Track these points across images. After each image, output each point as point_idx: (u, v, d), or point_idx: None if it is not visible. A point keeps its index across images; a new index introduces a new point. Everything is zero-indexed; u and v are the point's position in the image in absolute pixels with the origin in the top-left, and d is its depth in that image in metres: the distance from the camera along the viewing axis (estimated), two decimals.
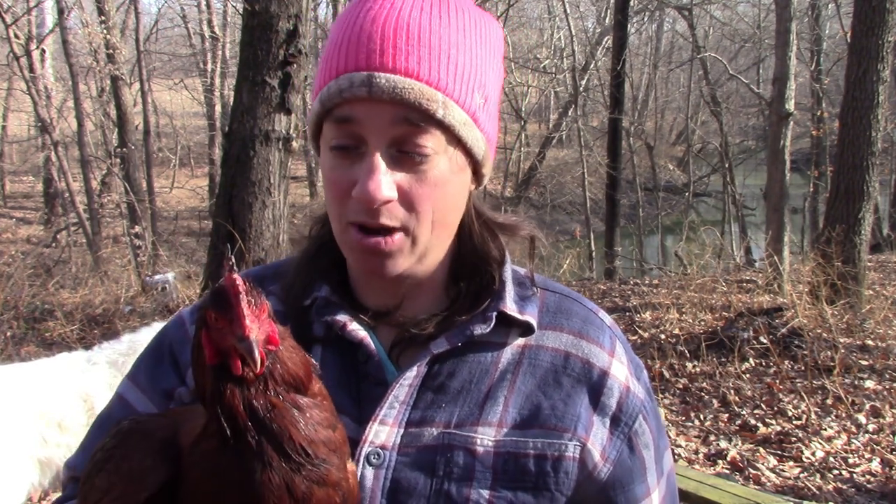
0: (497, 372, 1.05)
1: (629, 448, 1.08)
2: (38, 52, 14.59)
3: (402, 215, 1.02)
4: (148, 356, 1.18)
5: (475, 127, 1.04)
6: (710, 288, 8.45)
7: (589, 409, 1.06)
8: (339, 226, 1.06)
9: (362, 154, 1.01)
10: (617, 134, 14.89)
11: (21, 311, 8.16)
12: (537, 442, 1.03)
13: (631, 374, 1.11)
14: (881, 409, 5.32)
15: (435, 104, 0.98)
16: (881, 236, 16.18)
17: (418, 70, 0.98)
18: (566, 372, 1.07)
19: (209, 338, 0.84)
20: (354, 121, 1.00)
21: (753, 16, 22.34)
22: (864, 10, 8.04)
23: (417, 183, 1.01)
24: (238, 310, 0.80)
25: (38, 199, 20.77)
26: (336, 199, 1.05)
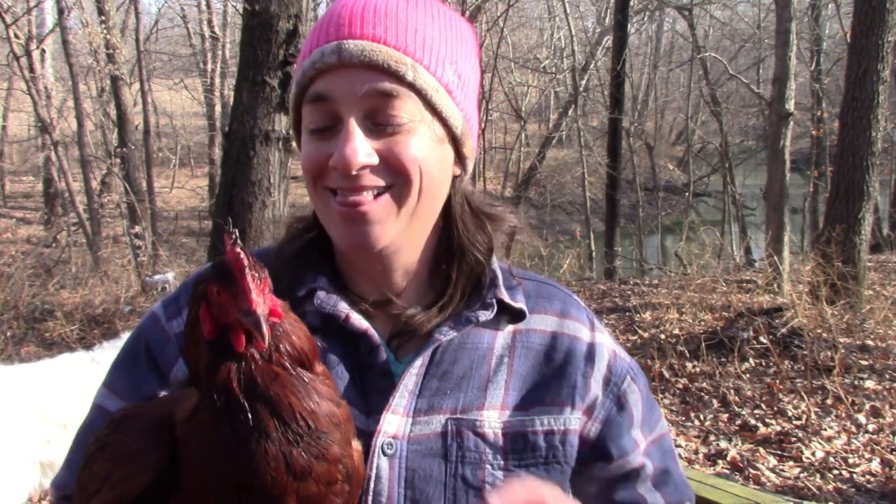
0: (494, 357, 1.09)
1: (618, 406, 1.13)
2: (38, 52, 14.58)
3: (387, 177, 1.01)
4: (123, 360, 1.14)
5: (449, 97, 1.04)
6: (710, 288, 8.45)
7: (583, 376, 1.11)
8: (319, 201, 1.06)
9: (338, 130, 1.01)
10: (617, 134, 14.89)
11: (21, 311, 8.17)
12: (543, 419, 1.07)
13: (615, 343, 1.18)
14: (881, 409, 5.32)
15: (404, 66, 0.99)
16: (881, 236, 16.18)
17: (385, 37, 0.99)
18: (557, 349, 1.12)
19: (209, 312, 0.81)
20: (328, 97, 1.00)
21: (753, 16, 22.34)
22: (864, 10, 8.04)
23: (397, 146, 1.01)
24: (244, 283, 0.78)
25: (38, 199, 20.77)
26: (314, 174, 1.04)
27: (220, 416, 0.79)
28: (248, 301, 0.78)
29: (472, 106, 1.11)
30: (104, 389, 1.14)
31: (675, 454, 1.22)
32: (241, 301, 0.78)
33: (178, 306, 1.13)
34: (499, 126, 26.25)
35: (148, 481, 0.82)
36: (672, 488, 1.17)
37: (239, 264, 0.79)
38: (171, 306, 1.15)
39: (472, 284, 1.11)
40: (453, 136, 1.07)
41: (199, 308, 0.82)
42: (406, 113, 1.00)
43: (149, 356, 1.11)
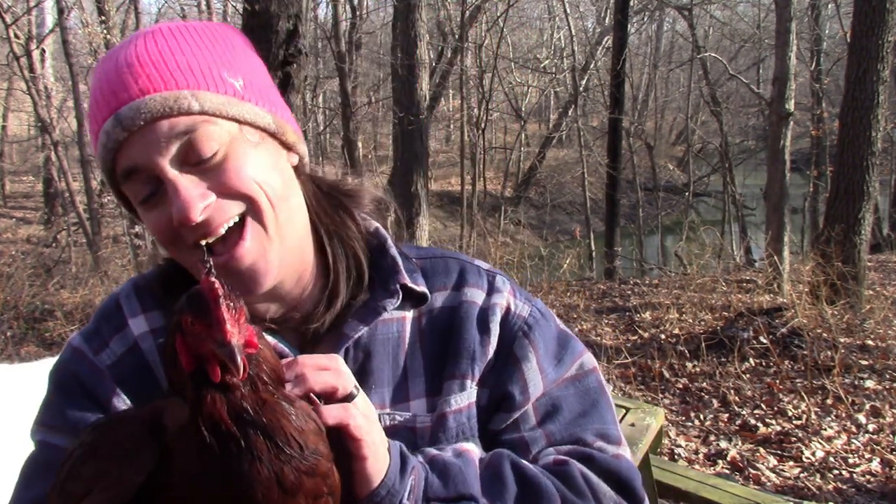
0: (406, 344, 1.11)
1: (508, 365, 1.13)
2: (38, 52, 14.58)
3: (235, 205, 1.00)
4: (55, 398, 1.12)
5: (243, 102, 1.03)
6: (710, 288, 8.46)
7: (480, 344, 1.12)
8: (180, 257, 1.04)
9: (165, 191, 0.98)
10: (617, 134, 14.88)
11: (21, 311, 8.17)
12: (452, 399, 1.10)
13: (514, 298, 1.17)
14: (881, 409, 5.32)
15: (184, 100, 0.97)
16: (881, 236, 16.18)
17: (151, 86, 0.97)
18: (456, 322, 1.13)
19: (185, 343, 0.81)
20: (137, 167, 0.98)
21: (753, 16, 22.34)
22: (864, 10, 8.04)
23: (223, 175, 0.98)
24: (218, 313, 0.77)
25: (38, 199, 20.77)
26: (168, 241, 1.02)
27: (209, 446, 0.79)
28: (222, 332, 0.77)
29: (273, 94, 1.09)
30: (40, 427, 1.12)
31: (598, 391, 1.17)
32: (214, 332, 0.77)
33: (102, 338, 1.12)
34: (499, 126, 26.24)
35: (141, 483, 0.83)
36: (561, 424, 1.13)
37: (213, 294, 0.78)
38: (93, 340, 1.13)
39: (361, 272, 1.11)
40: (270, 133, 1.05)
41: (175, 339, 0.81)
42: (214, 139, 0.98)
43: (83, 391, 1.09)
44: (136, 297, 1.15)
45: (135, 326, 1.12)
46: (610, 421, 1.15)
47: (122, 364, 1.10)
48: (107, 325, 1.14)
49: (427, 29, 12.84)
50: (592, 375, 1.17)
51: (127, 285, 1.19)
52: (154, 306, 1.15)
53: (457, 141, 24.22)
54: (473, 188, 18.21)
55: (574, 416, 1.13)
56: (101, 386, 1.09)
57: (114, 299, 1.17)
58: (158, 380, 1.09)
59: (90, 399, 1.09)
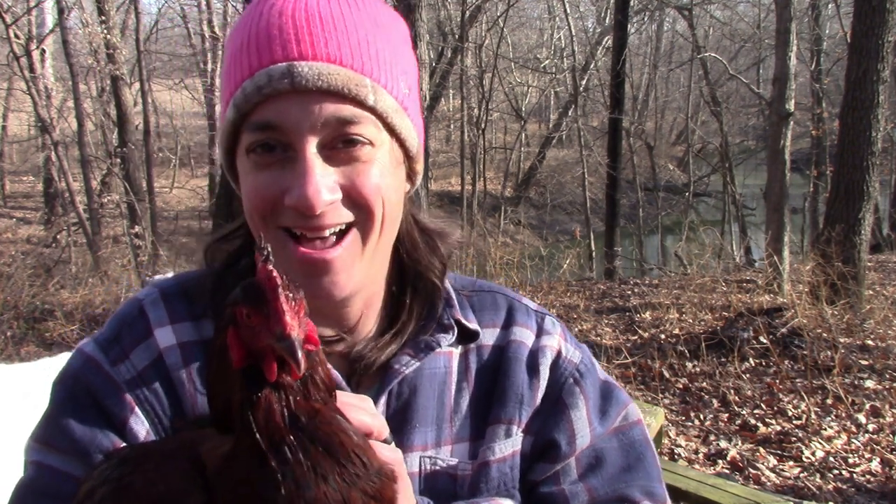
0: (453, 382, 1.03)
1: (556, 412, 1.06)
2: (38, 52, 14.59)
3: (348, 212, 0.92)
4: (59, 412, 0.97)
5: (406, 115, 0.96)
6: (710, 288, 8.46)
7: (529, 388, 1.05)
8: (268, 237, 0.92)
9: (291, 158, 0.89)
10: (617, 134, 14.89)
11: (21, 311, 8.16)
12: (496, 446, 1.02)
13: (565, 342, 1.11)
14: (881, 409, 5.32)
15: (365, 89, 0.89)
16: (881, 236, 16.18)
17: (341, 56, 0.88)
18: (505, 363, 1.06)
19: (238, 338, 0.73)
20: (277, 126, 0.88)
21: (753, 16, 22.33)
22: (864, 10, 8.04)
23: (360, 177, 0.91)
24: (276, 304, 0.70)
25: (38, 199, 20.77)
26: (261, 210, 0.91)
27: (265, 458, 0.70)
28: (281, 324, 0.70)
29: (420, 116, 1.01)
30: (38, 445, 0.98)
31: (643, 444, 1.09)
32: (273, 324, 0.70)
33: (121, 348, 0.99)
34: (499, 126, 26.25)
35: None
36: (605, 479, 1.05)
37: (271, 283, 0.71)
38: (112, 349, 0.99)
39: (426, 307, 1.04)
40: (408, 156, 0.99)
41: (227, 333, 0.74)
42: (369, 140, 0.91)
43: (96, 407, 0.95)
44: (163, 304, 1.02)
45: (161, 337, 0.99)
46: (656, 478, 1.07)
47: (142, 379, 0.97)
48: (128, 334, 1.00)
49: (427, 29, 12.82)
50: (637, 428, 1.10)
51: (151, 291, 1.05)
52: (185, 316, 1.02)
53: (457, 141, 24.23)
54: (473, 188, 18.21)
55: (618, 471, 1.06)
56: (118, 402, 0.95)
57: (136, 305, 1.03)
58: (182, 402, 0.97)
59: (102, 417, 0.95)
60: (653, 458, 1.09)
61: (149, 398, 0.96)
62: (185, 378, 0.98)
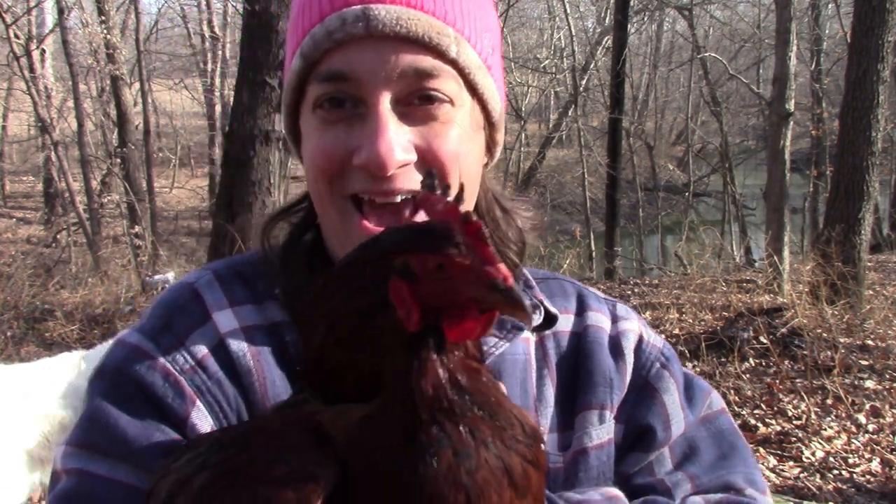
0: (533, 370, 0.96)
1: (646, 398, 0.99)
2: (38, 52, 14.58)
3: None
4: (104, 411, 0.83)
5: (489, 75, 0.87)
6: (710, 288, 8.45)
7: (617, 372, 0.98)
8: (330, 205, 0.85)
9: (362, 115, 0.81)
10: (617, 134, 14.88)
11: (21, 311, 8.16)
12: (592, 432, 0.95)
13: (643, 326, 1.05)
14: (881, 409, 5.32)
15: (447, 39, 0.80)
16: (881, 236, 16.17)
17: (421, 1, 0.80)
18: (587, 346, 0.99)
19: (414, 294, 0.62)
20: (349, 76, 0.80)
21: (753, 16, 22.33)
22: (864, 10, 8.04)
23: (438, 139, 0.82)
24: (487, 249, 0.60)
25: (38, 199, 20.76)
26: (327, 172, 0.83)
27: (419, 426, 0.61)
28: (498, 272, 0.60)
29: (503, 81, 0.93)
30: (78, 450, 0.83)
31: (733, 433, 1.03)
32: (486, 272, 0.60)
33: (175, 335, 0.87)
34: None
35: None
36: (703, 468, 0.97)
37: (473, 225, 0.61)
38: (162, 336, 0.87)
39: None
40: (490, 121, 0.91)
41: (396, 290, 0.63)
42: (449, 97, 0.82)
43: (148, 400, 0.83)
44: (219, 286, 0.92)
45: (221, 321, 0.88)
46: (753, 466, 1.02)
47: (203, 368, 0.86)
48: (181, 319, 0.89)
49: None
50: (723, 416, 1.05)
51: (203, 273, 0.95)
52: (245, 299, 0.91)
53: None
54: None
55: (714, 460, 0.99)
56: (176, 395, 0.83)
57: (186, 288, 0.92)
58: (250, 392, 0.86)
59: (158, 412, 0.83)
60: (745, 446, 1.03)
61: (212, 389, 0.85)
62: (252, 366, 0.87)
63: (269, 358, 0.88)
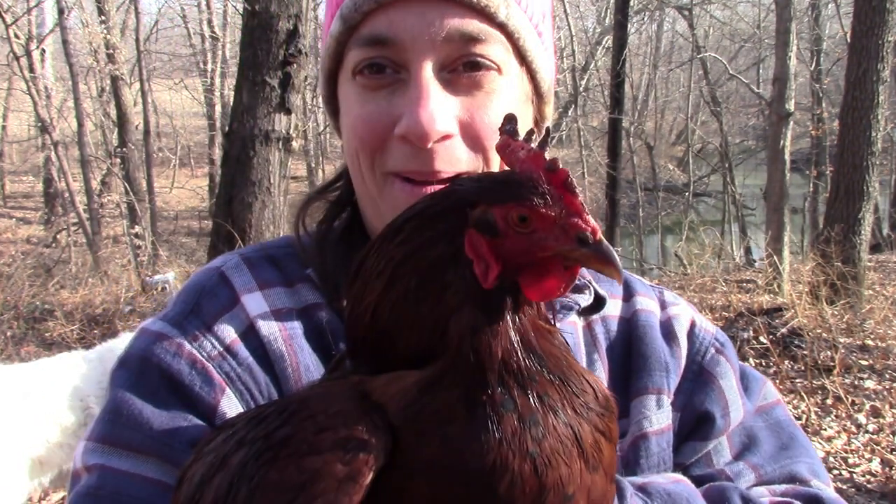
0: (583, 354, 0.91)
1: (703, 384, 0.95)
2: (38, 52, 14.59)
3: (466, 156, 0.78)
4: (127, 402, 0.77)
5: (540, 41, 0.81)
6: (710, 288, 8.46)
7: (671, 356, 0.94)
8: (371, 181, 0.81)
9: (404, 81, 0.77)
10: (617, 134, 14.87)
11: (21, 311, 8.16)
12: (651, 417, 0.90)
13: (693, 311, 1.02)
14: (881, 409, 5.32)
15: (496, 0, 0.76)
16: (881, 236, 16.17)
17: None
18: (638, 330, 0.95)
19: (493, 248, 0.57)
20: (393, 40, 0.76)
21: (753, 16, 22.34)
22: (864, 10, 8.04)
23: (482, 110, 0.77)
24: (576, 201, 0.56)
25: (38, 199, 20.76)
26: (368, 144, 0.79)
27: (483, 389, 0.56)
28: (587, 225, 0.56)
29: (554, 51, 0.88)
30: (100, 445, 0.77)
31: (791, 423, 0.99)
32: (572, 224, 0.56)
33: (202, 320, 0.83)
34: None
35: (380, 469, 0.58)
36: (765, 458, 0.94)
37: (560, 175, 0.56)
38: (189, 322, 0.83)
39: None
40: (539, 93, 0.85)
41: (473, 244, 0.58)
42: (497, 63, 0.77)
43: (175, 390, 0.78)
44: (248, 269, 0.87)
45: (250, 305, 0.84)
46: (816, 457, 0.98)
47: (232, 354, 0.81)
48: (208, 303, 0.84)
49: None
50: (779, 407, 1.01)
51: (230, 256, 0.90)
52: (276, 281, 0.87)
53: None
54: None
55: (776, 450, 0.95)
56: (204, 383, 0.78)
57: (213, 272, 0.87)
58: (283, 379, 0.81)
59: (186, 402, 0.78)
60: (804, 438, 0.99)
61: (241, 376, 0.80)
62: (285, 351, 0.82)
63: (302, 342, 0.83)
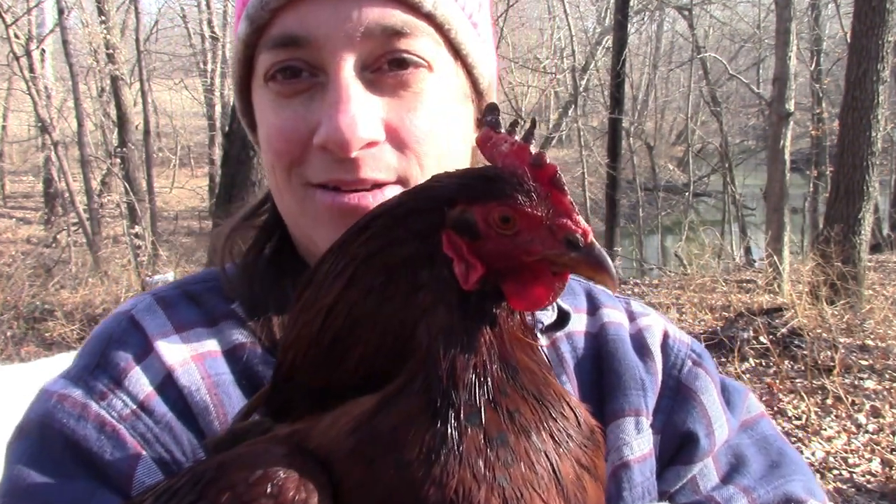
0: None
1: (681, 400, 0.87)
2: (38, 52, 14.58)
3: (395, 161, 0.70)
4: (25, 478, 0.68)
5: (475, 33, 0.73)
6: (710, 288, 8.46)
7: (642, 365, 0.86)
8: (289, 195, 0.72)
9: (322, 85, 0.68)
10: (617, 134, 14.88)
11: (21, 311, 8.17)
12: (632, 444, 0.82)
13: (666, 321, 0.94)
14: (881, 409, 5.32)
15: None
16: (881, 236, 16.16)
17: None
18: (607, 346, 0.86)
19: (473, 250, 0.51)
20: (303, 39, 0.67)
21: (753, 16, 22.34)
22: (864, 10, 8.04)
23: (411, 113, 0.69)
24: (564, 200, 0.51)
25: (38, 199, 20.76)
26: (284, 157, 0.70)
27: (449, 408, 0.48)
28: (577, 226, 0.50)
29: (494, 43, 0.79)
30: None
31: (778, 438, 0.92)
32: (561, 225, 0.50)
33: (110, 375, 0.72)
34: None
35: None
36: (755, 480, 0.85)
37: (547, 170, 0.51)
38: (95, 379, 0.73)
39: None
40: (478, 91, 0.77)
41: (452, 245, 0.52)
42: (427, 58, 0.69)
43: (82, 460, 0.68)
44: (162, 310, 0.78)
45: (167, 351, 0.74)
46: (809, 473, 0.90)
47: (147, 411, 0.71)
48: (117, 353, 0.74)
49: None
50: (764, 420, 0.94)
51: (141, 298, 0.81)
52: (196, 321, 0.77)
53: None
54: None
55: (766, 469, 0.87)
56: (115, 449, 0.68)
57: (122, 317, 0.78)
58: (208, 434, 0.71)
59: (96, 473, 0.68)
60: (794, 452, 0.92)
61: (160, 436, 0.70)
62: (209, 401, 0.72)
63: (229, 389, 0.73)
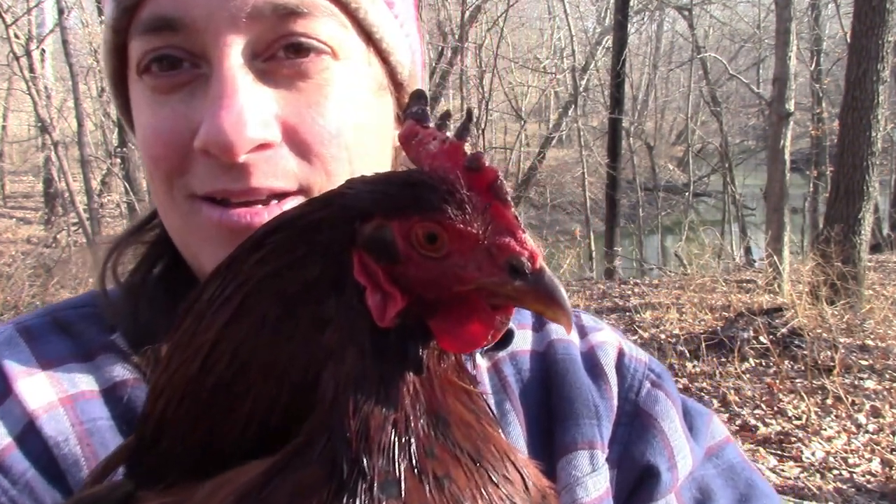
0: (491, 402, 0.70)
1: (639, 427, 0.76)
2: (38, 52, 14.59)
3: (295, 167, 0.58)
4: None
5: (390, 14, 0.63)
6: (710, 288, 8.46)
7: (595, 389, 0.76)
8: (171, 208, 0.61)
9: (205, 77, 0.57)
10: (617, 134, 14.90)
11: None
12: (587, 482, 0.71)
13: (621, 338, 0.86)
14: (881, 409, 5.32)
15: None
16: (881, 236, 16.17)
17: None
18: (556, 367, 0.76)
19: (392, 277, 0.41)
20: (179, 21, 0.56)
21: (753, 16, 22.34)
22: (864, 10, 8.04)
23: (312, 108, 0.58)
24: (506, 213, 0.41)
25: (38, 199, 20.77)
26: (163, 163, 0.59)
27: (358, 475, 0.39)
28: (523, 246, 0.40)
29: (416, 30, 0.69)
30: None
31: (746, 466, 0.81)
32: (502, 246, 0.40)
33: None
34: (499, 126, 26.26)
35: None
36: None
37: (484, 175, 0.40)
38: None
39: None
40: (397, 82, 0.66)
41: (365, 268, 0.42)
42: (329, 42, 0.58)
43: None
44: (26, 343, 0.66)
45: (29, 393, 0.62)
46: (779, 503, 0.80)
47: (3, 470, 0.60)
48: None
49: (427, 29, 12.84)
50: (729, 446, 0.83)
51: (2, 329, 0.68)
52: (68, 354, 0.65)
53: None
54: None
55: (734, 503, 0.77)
56: None
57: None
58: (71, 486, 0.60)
59: None
60: (763, 481, 0.81)
61: (17, 500, 0.59)
62: (80, 453, 0.61)
63: (106, 437, 0.62)
